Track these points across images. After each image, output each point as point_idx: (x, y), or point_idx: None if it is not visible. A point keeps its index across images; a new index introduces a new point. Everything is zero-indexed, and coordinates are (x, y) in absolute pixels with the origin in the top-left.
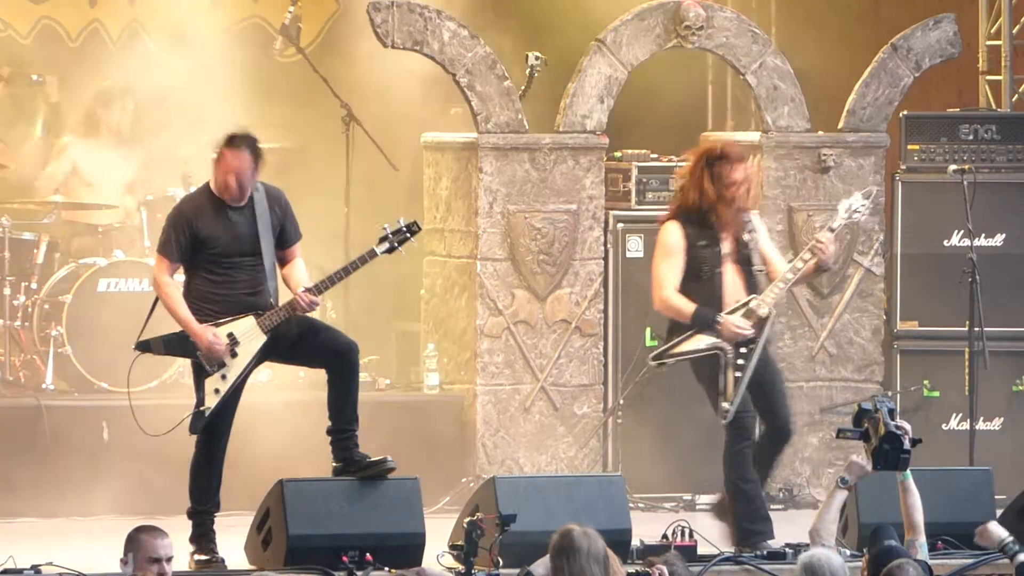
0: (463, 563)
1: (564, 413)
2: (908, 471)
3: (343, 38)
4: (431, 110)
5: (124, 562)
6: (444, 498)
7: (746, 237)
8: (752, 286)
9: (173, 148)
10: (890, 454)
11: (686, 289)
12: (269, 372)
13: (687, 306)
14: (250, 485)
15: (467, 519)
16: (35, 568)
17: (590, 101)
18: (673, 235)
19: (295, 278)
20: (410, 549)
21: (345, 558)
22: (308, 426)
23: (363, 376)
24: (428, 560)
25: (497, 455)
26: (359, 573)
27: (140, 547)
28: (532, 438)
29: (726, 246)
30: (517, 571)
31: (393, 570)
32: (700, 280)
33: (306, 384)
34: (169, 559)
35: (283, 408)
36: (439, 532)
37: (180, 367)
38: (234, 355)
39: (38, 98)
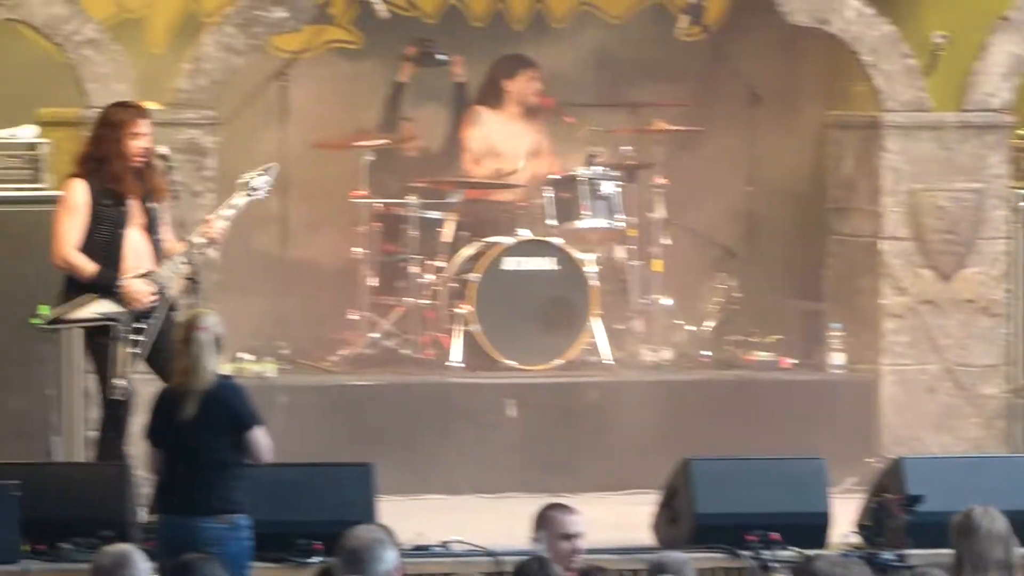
0: (869, 543)
1: (970, 393)
2: None
3: (746, 16)
4: (835, 88)
5: (535, 540)
6: (850, 478)
7: (152, 204)
8: (159, 255)
9: (577, 128)
10: None
11: (86, 248)
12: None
13: (88, 265)
14: (649, 463)
15: (874, 500)
16: (444, 544)
17: (994, 79)
18: (78, 193)
19: None
20: (815, 529)
21: (752, 537)
22: (708, 404)
23: (765, 355)
24: (834, 540)
25: (903, 435)
26: (765, 552)
27: (551, 524)
28: (937, 418)
29: (132, 208)
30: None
31: (800, 550)
32: (101, 241)
33: (712, 362)
34: (581, 535)
35: (684, 387)
36: (845, 512)
37: (586, 346)
38: None
39: (444, 78)
